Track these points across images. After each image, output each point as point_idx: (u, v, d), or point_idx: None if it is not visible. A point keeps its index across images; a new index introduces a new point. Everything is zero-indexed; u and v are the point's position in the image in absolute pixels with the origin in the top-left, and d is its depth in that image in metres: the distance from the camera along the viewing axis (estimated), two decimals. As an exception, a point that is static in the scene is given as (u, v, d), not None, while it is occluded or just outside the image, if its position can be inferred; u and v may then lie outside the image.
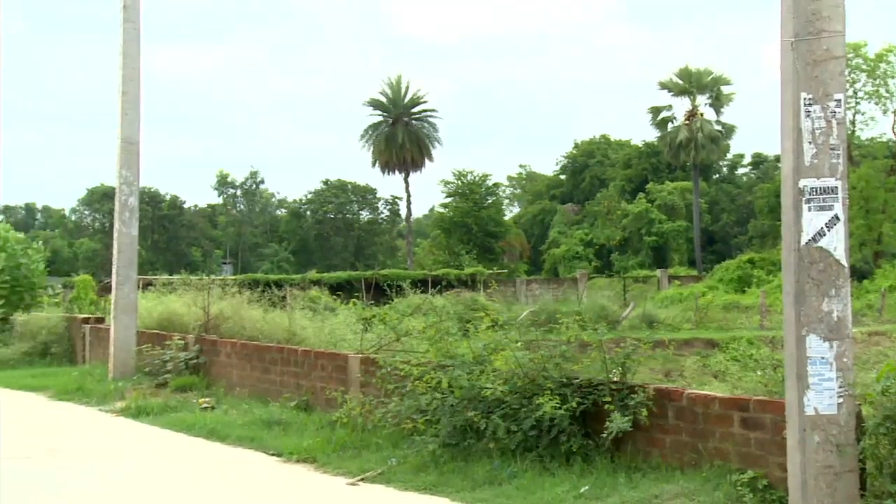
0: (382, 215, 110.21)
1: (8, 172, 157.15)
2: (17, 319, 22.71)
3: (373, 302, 24.28)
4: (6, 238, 25.95)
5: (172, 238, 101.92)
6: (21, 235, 27.66)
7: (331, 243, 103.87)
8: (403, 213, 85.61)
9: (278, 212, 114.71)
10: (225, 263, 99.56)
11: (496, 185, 74.98)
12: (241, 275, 54.88)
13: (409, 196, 75.33)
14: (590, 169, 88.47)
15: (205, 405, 13.40)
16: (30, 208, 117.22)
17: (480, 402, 9.06)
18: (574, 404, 8.45)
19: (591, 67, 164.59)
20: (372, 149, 73.46)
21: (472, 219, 66.69)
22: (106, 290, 29.21)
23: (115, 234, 17.42)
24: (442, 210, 73.33)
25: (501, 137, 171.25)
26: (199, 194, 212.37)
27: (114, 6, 17.30)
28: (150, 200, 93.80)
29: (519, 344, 9.59)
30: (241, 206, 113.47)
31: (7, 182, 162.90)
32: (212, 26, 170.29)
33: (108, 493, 8.71)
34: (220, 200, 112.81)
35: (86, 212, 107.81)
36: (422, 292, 23.85)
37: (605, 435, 8.22)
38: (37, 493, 8.74)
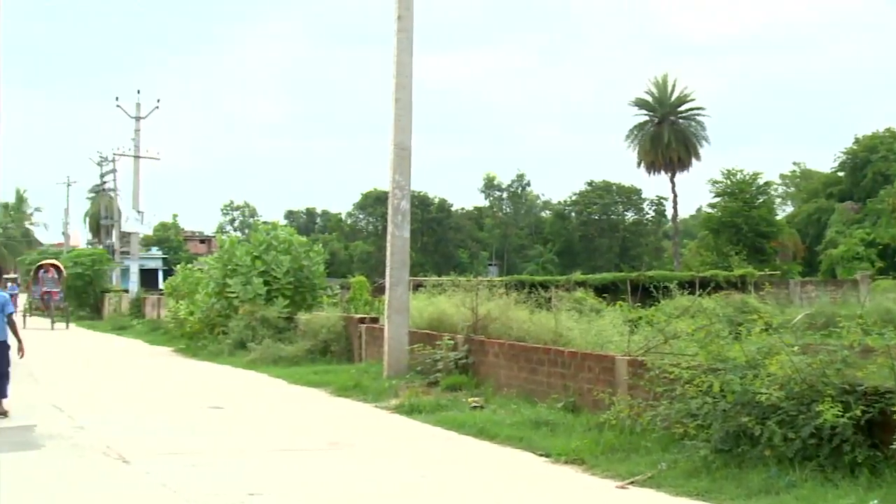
0: (648, 216, 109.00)
1: (292, 179, 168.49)
2: (300, 318, 23.84)
3: (639, 304, 23.92)
4: (290, 241, 27.54)
5: (440, 240, 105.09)
6: (303, 239, 29.17)
7: (595, 244, 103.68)
8: (669, 213, 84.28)
9: (543, 213, 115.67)
10: (491, 265, 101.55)
11: (768, 183, 71.98)
12: (506, 276, 55.71)
13: (675, 196, 74.03)
14: (872, 165, 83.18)
15: (474, 404, 13.64)
16: (310, 213, 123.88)
17: (754, 408, 8.72)
18: (858, 412, 7.96)
19: (870, 57, 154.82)
20: (637, 149, 72.76)
21: (741, 219, 64.37)
22: (379, 290, 30.41)
23: (388, 237, 17.97)
24: (710, 210, 71.26)
25: (773, 135, 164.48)
26: (465, 197, 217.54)
27: (387, 18, 17.94)
28: (420, 204, 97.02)
29: (795, 348, 9.15)
30: (507, 209, 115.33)
31: (290, 188, 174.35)
32: (478, 32, 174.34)
33: (385, 487, 9.03)
34: (486, 203, 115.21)
35: (360, 215, 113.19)
36: (689, 294, 23.24)
37: (894, 446, 7.69)
38: (317, 485, 9.22)
